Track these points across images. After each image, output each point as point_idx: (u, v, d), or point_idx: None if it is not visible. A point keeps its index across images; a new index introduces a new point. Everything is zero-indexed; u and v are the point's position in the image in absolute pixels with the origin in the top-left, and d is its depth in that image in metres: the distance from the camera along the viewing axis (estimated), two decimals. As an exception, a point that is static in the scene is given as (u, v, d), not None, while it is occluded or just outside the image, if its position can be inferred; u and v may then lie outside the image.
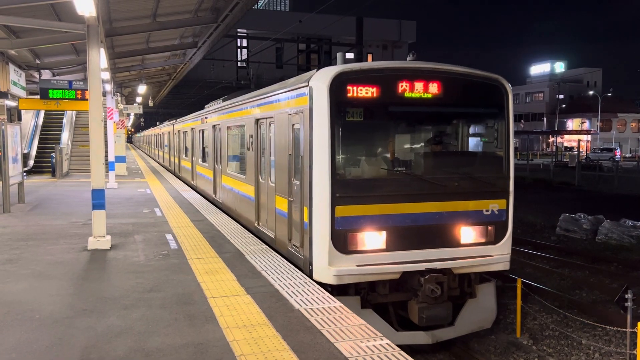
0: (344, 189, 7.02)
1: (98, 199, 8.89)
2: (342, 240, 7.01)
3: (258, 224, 10.22)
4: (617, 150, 59.54)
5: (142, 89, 26.66)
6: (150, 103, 38.88)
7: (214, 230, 10.57)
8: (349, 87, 6.98)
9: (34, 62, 16.62)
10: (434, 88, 7.37)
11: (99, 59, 8.90)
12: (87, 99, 15.03)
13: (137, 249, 8.83)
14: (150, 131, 52.15)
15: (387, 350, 4.73)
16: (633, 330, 7.15)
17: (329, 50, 39.50)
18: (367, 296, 7.36)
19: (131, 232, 10.34)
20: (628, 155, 72.37)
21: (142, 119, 74.09)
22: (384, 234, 7.17)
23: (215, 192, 14.96)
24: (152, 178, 23.46)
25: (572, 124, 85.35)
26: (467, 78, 7.66)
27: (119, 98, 26.73)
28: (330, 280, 7.01)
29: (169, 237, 9.85)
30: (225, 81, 40.67)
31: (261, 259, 8.07)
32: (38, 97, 16.31)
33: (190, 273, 7.31)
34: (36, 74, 17.65)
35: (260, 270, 7.44)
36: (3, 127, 12.69)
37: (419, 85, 7.30)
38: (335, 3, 22.65)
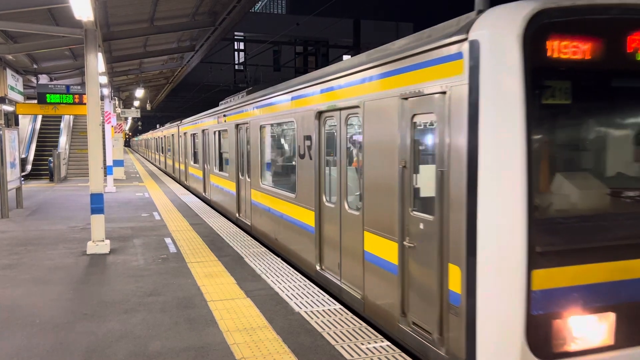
0: (551, 237, 3.86)
1: (97, 203, 8.89)
2: (543, 335, 3.84)
3: (322, 268, 7.13)
4: None
5: (139, 92, 26.63)
6: (148, 107, 38.85)
7: (213, 233, 10.57)
8: (550, 42, 3.79)
9: (31, 67, 16.60)
10: None
11: (96, 63, 8.91)
12: (84, 104, 15.05)
13: (136, 253, 8.83)
14: (150, 134, 48.92)
15: (387, 352, 4.74)
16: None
17: (326, 53, 39.59)
18: None
19: (130, 236, 10.33)
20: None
21: (139, 123, 74.11)
22: (611, 317, 3.99)
23: (239, 210, 11.90)
24: (150, 182, 23.45)
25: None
26: None
27: (117, 102, 26.73)
28: None
29: (168, 240, 9.85)
30: (223, 84, 40.71)
31: (261, 262, 8.07)
32: (35, 101, 16.28)
33: (190, 277, 7.31)
34: (34, 79, 17.62)
35: (260, 273, 7.44)
36: (1, 132, 12.69)
37: None
38: (332, 6, 22.71)
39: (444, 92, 4.29)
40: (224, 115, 13.14)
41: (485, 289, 3.93)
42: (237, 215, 11.97)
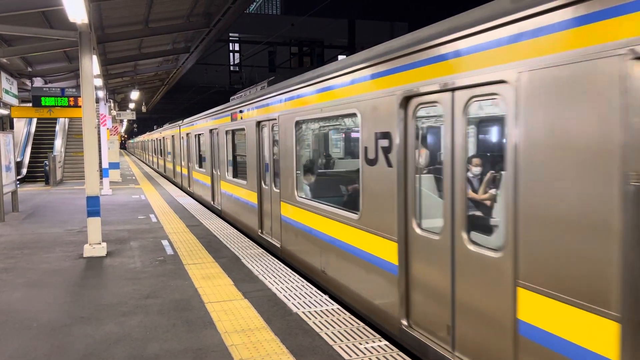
0: None
1: (93, 206, 8.87)
2: None
3: (410, 324, 5.00)
4: None
5: (134, 94, 26.60)
6: (144, 109, 38.82)
7: (209, 235, 10.57)
8: None
9: (25, 70, 16.55)
10: None
11: (91, 65, 8.90)
12: (79, 106, 15.02)
13: (133, 256, 8.81)
14: (147, 136, 47.80)
15: (385, 351, 4.75)
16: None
17: (321, 53, 39.66)
18: None
19: (127, 239, 10.31)
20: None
21: (135, 125, 73.95)
22: None
23: (262, 227, 9.91)
24: (146, 184, 23.41)
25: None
26: None
27: (112, 104, 26.69)
28: None
29: (164, 243, 9.84)
30: (218, 86, 40.70)
31: (258, 263, 8.07)
32: (30, 104, 16.23)
33: (187, 278, 7.30)
34: (28, 82, 17.57)
35: (257, 274, 7.44)
36: (-4, 135, 12.64)
37: None
38: (326, 6, 22.73)
39: None
40: (240, 112, 11.05)
41: None
42: (259, 232, 9.99)
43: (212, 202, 14.74)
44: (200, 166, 16.74)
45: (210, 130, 14.50)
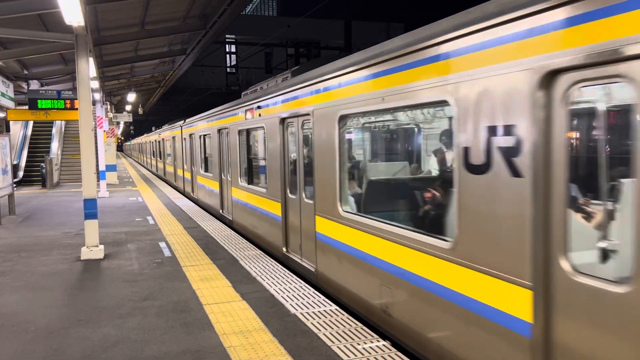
0: None
1: (90, 209, 8.87)
2: None
3: None
4: None
5: (131, 97, 26.59)
6: (140, 111, 38.76)
7: (207, 237, 10.56)
8: None
9: (22, 73, 16.53)
10: None
11: (88, 68, 8.89)
12: (76, 109, 15.01)
13: (130, 258, 8.80)
14: (145, 137, 46.83)
15: (384, 351, 4.76)
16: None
17: (318, 54, 39.69)
18: None
19: (124, 241, 10.30)
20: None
21: (131, 127, 73.88)
22: None
23: (288, 243, 8.45)
24: (143, 186, 23.39)
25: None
26: None
27: (109, 106, 26.65)
28: None
29: (162, 245, 9.83)
30: (215, 87, 40.68)
31: (256, 265, 8.07)
32: (27, 107, 16.20)
33: (185, 280, 7.30)
34: (24, 85, 17.54)
35: (255, 275, 7.45)
36: (-8, 138, 12.61)
37: None
38: (322, 7, 22.77)
39: None
40: (258, 107, 9.53)
41: None
42: (284, 250, 8.54)
43: (220, 211, 13.29)
44: (207, 170, 15.30)
45: (219, 130, 12.95)
